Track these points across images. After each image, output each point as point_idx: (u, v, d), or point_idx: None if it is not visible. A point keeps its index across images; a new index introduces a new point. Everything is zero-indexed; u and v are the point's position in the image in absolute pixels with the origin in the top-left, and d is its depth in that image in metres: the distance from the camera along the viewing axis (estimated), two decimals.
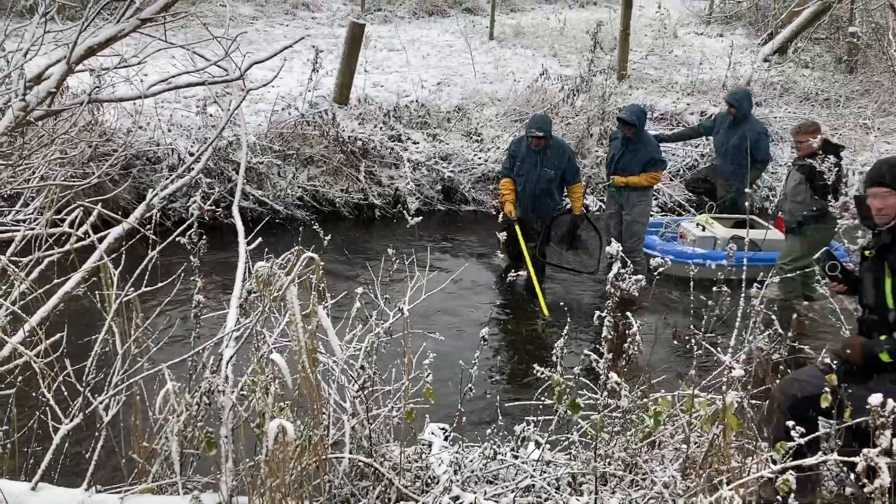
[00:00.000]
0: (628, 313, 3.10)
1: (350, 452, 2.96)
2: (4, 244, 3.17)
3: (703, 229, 7.80)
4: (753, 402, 3.00)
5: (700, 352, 2.89)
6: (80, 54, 3.03)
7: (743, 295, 2.95)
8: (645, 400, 3.07)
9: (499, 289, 7.37)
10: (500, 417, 3.58)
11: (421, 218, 4.46)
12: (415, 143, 9.82)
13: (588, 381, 3.52)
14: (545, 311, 6.68)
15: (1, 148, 4.11)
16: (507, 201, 7.26)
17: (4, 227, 3.52)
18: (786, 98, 12.39)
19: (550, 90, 11.01)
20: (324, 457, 2.74)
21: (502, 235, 6.38)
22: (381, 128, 9.72)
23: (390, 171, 9.41)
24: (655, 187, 8.29)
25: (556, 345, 3.14)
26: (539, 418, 3.46)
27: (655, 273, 2.89)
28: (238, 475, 2.75)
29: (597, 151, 10.23)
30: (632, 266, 4.27)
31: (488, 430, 3.45)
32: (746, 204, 6.58)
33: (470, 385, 3.47)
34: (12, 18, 12.16)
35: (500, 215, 7.33)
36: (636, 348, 2.90)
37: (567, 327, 3.27)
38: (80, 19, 3.16)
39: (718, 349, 3.14)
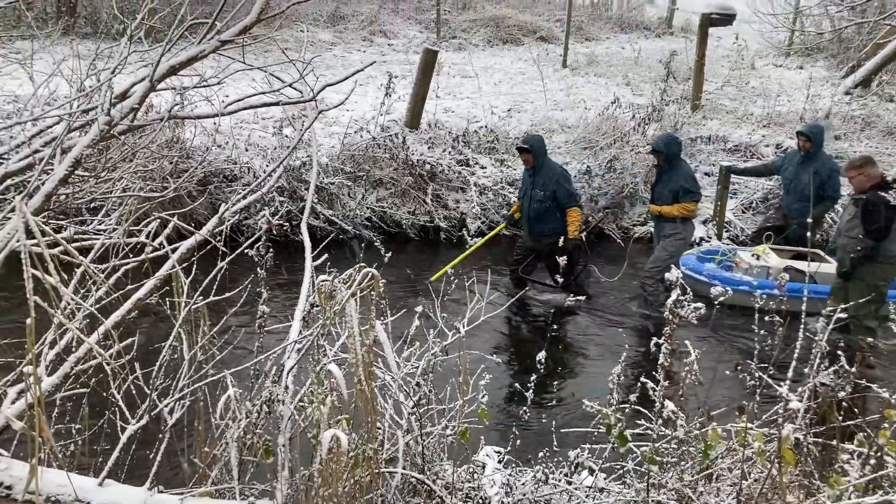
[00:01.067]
0: (687, 341, 3.06)
1: (403, 468, 2.98)
2: (85, 251, 3.33)
3: (758, 258, 7.64)
4: (815, 439, 2.91)
5: (757, 384, 2.82)
6: (163, 73, 3.18)
7: (802, 327, 2.88)
8: (702, 430, 3.02)
9: (558, 313, 7.33)
10: (555, 442, 3.56)
11: (481, 240, 4.49)
12: (482, 167, 9.89)
13: (643, 410, 3.48)
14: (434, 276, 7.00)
15: (86, 161, 4.33)
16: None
17: (86, 236, 3.70)
18: (867, 132, 12.01)
19: (622, 118, 10.95)
20: (377, 471, 2.77)
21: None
22: (449, 152, 9.83)
23: (457, 194, 9.49)
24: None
25: (612, 371, 3.11)
26: (594, 446, 3.43)
27: (716, 302, 2.84)
28: (293, 484, 2.81)
29: None
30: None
31: (541, 454, 3.43)
32: (809, 235, 6.43)
33: (525, 408, 3.47)
34: (104, 40, 12.79)
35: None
36: (694, 377, 2.85)
37: (624, 354, 3.24)
38: (164, 41, 3.33)
39: (782, 384, 3.07)
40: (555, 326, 6.53)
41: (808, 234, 3.58)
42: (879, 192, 6.21)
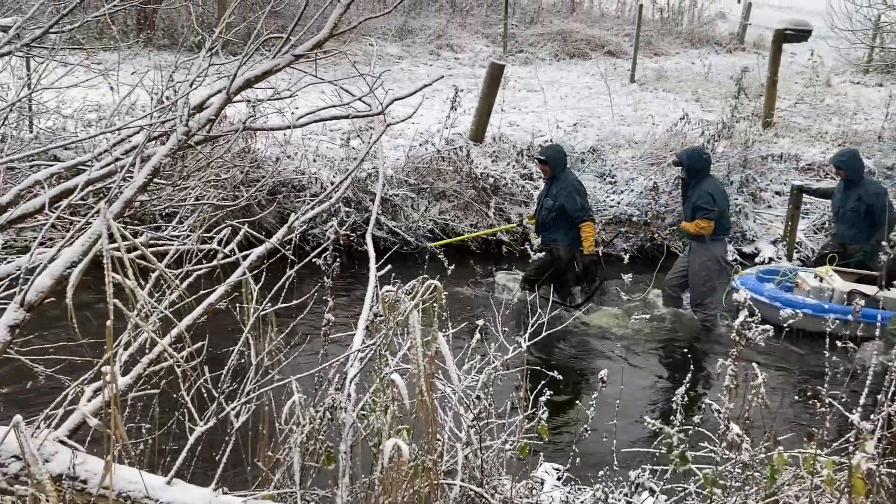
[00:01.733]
0: (755, 364, 2.99)
1: (462, 481, 2.99)
2: (160, 256, 3.45)
3: (821, 280, 7.40)
4: (888, 469, 2.81)
5: (826, 409, 2.75)
6: (239, 85, 3.28)
7: (875, 353, 2.79)
8: (768, 455, 2.94)
9: (621, 330, 7.24)
10: (615, 461, 3.51)
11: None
12: None
13: (707, 432, 3.42)
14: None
15: (164, 169, 4.49)
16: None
17: (161, 242, 3.83)
18: None
19: (690, 135, 10.79)
20: (436, 482, 2.79)
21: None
22: (513, 166, 9.83)
23: (520, 208, 9.48)
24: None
25: (677, 392, 3.07)
26: (656, 467, 3.38)
27: (786, 325, 2.78)
28: (353, 492, 2.85)
29: (736, 199, 9.90)
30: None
31: (601, 473, 3.40)
32: (885, 257, 6.23)
33: (586, 426, 3.44)
34: (180, 51, 13.22)
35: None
36: (761, 401, 2.79)
37: (690, 374, 3.19)
38: (239, 54, 3.44)
39: (854, 411, 2.97)
40: (619, 345, 6.46)
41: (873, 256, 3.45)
42: None
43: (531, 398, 3.29)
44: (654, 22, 21.51)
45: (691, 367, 3.36)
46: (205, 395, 2.94)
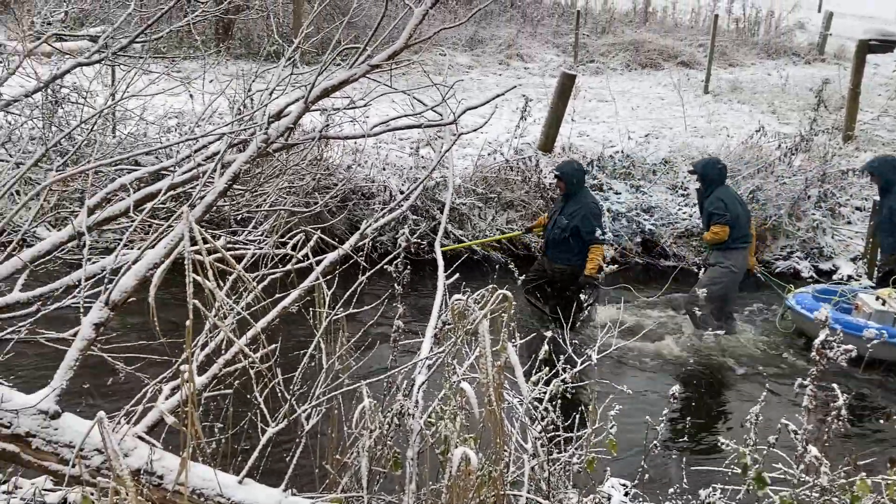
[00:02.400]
0: (835, 385, 2.89)
1: (528, 492, 2.97)
2: (237, 259, 3.54)
3: (883, 303, 7.05)
4: None
5: None
6: (317, 95, 3.35)
7: None
8: (848, 480, 2.84)
9: (693, 345, 7.09)
10: (685, 480, 3.44)
11: (617, 267, 4.43)
12: (616, 193, 9.75)
13: (782, 454, 3.31)
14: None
15: (242, 176, 4.61)
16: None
17: (237, 245, 3.93)
18: None
19: (766, 147, 10.52)
20: (502, 492, 2.78)
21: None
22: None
23: None
24: None
25: (751, 411, 2.99)
26: (727, 486, 3.30)
27: (869, 347, 2.68)
28: (420, 498, 2.86)
29: (813, 214, 9.62)
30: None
31: (671, 490, 3.33)
32: None
33: (655, 442, 3.38)
34: (256, 60, 13.56)
35: None
36: (841, 423, 2.70)
37: (765, 393, 3.11)
38: (315, 64, 3.51)
39: None
40: (690, 360, 6.32)
41: None
42: None
43: (599, 411, 3.25)
44: (728, 32, 21.09)
45: (766, 386, 3.27)
46: (278, 396, 2.99)
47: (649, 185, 9.91)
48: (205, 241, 2.37)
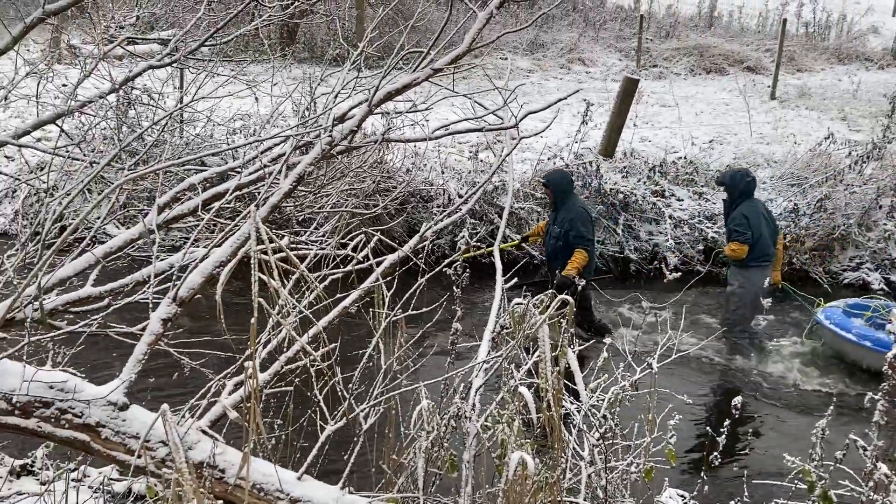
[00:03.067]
0: None
1: (584, 499, 2.95)
2: (299, 259, 3.59)
3: None
4: None
5: None
6: (380, 98, 3.38)
7: None
8: None
9: (757, 355, 6.93)
10: (746, 493, 3.36)
11: (679, 275, 4.37)
12: (679, 199, 9.59)
13: (850, 471, 3.21)
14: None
15: (307, 177, 4.69)
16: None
17: (300, 246, 4.00)
18: None
19: (835, 155, 10.22)
20: (559, 499, 2.76)
21: None
22: (644, 182, 9.62)
23: (650, 226, 9.26)
24: None
25: (817, 425, 2.91)
26: (789, 502, 3.21)
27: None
28: (475, 501, 2.86)
29: (885, 224, 9.30)
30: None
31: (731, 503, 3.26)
32: None
33: (716, 454, 3.31)
34: (319, 64, 13.76)
35: None
36: None
37: (831, 408, 3.02)
38: (377, 68, 3.55)
39: None
40: (754, 371, 6.17)
41: None
42: None
43: (658, 421, 3.20)
44: (797, 37, 20.56)
45: (834, 400, 3.17)
46: (337, 394, 3.03)
47: (713, 192, 9.71)
48: (270, 241, 2.42)
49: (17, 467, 4.00)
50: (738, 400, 3.10)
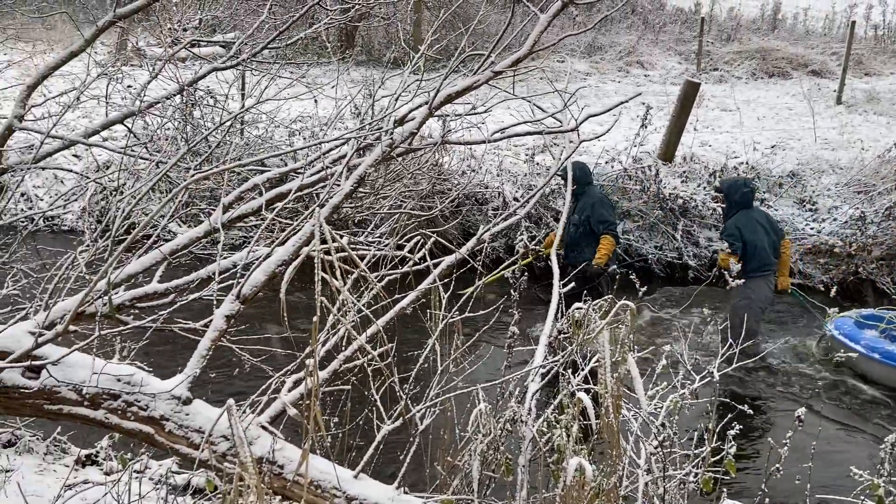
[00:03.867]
0: None
1: None
2: (359, 259, 3.63)
3: None
4: None
5: None
6: (440, 101, 3.40)
7: None
8: None
9: (821, 365, 6.74)
10: None
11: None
12: None
13: None
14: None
15: (367, 179, 4.74)
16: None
17: (359, 246, 4.03)
18: None
19: None
20: None
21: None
22: (704, 187, 9.47)
23: (709, 232, 9.10)
24: None
25: (887, 439, 2.82)
26: None
27: None
28: None
29: None
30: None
31: None
32: None
33: (777, 465, 3.23)
34: (376, 67, 13.89)
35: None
36: None
37: None
38: (435, 70, 3.57)
39: None
40: (819, 383, 6.01)
41: None
42: None
43: (718, 430, 3.14)
44: (866, 39, 19.97)
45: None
46: (394, 394, 3.05)
47: (775, 198, 9.50)
48: (333, 241, 2.45)
49: (83, 457, 4.13)
50: (801, 411, 3.02)
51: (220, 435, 2.78)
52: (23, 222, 8.09)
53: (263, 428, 2.84)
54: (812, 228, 9.14)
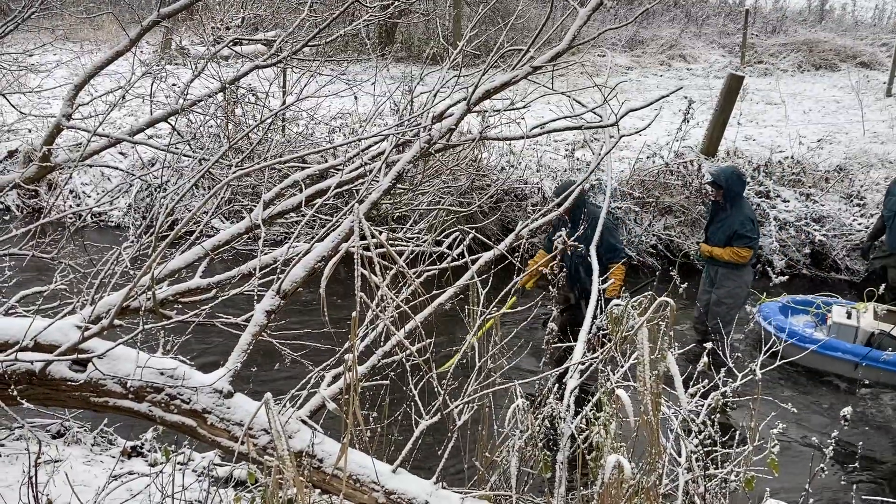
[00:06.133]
0: None
1: None
2: (398, 255, 3.65)
3: (849, 316, 6.38)
4: None
5: None
6: (479, 96, 3.39)
7: None
8: None
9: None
10: None
11: (786, 278, 4.20)
12: (784, 201, 9.22)
13: None
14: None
15: (405, 175, 4.76)
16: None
17: (398, 242, 4.05)
18: None
19: None
20: None
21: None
22: (748, 183, 9.29)
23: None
24: None
25: None
26: None
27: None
28: (568, 503, 2.84)
29: None
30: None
31: None
32: None
33: (822, 465, 3.17)
34: (416, 63, 13.91)
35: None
36: None
37: None
38: (473, 67, 3.56)
39: None
40: (865, 381, 5.86)
41: None
42: None
43: (761, 429, 3.09)
44: None
45: None
46: (432, 390, 3.06)
47: (821, 193, 9.29)
48: (372, 237, 2.46)
49: (129, 448, 4.22)
50: (847, 410, 2.96)
51: (261, 428, 2.82)
52: (70, 218, 8.28)
53: (303, 422, 2.87)
54: (859, 224, 8.92)
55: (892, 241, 7.13)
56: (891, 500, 3.10)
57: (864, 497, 3.34)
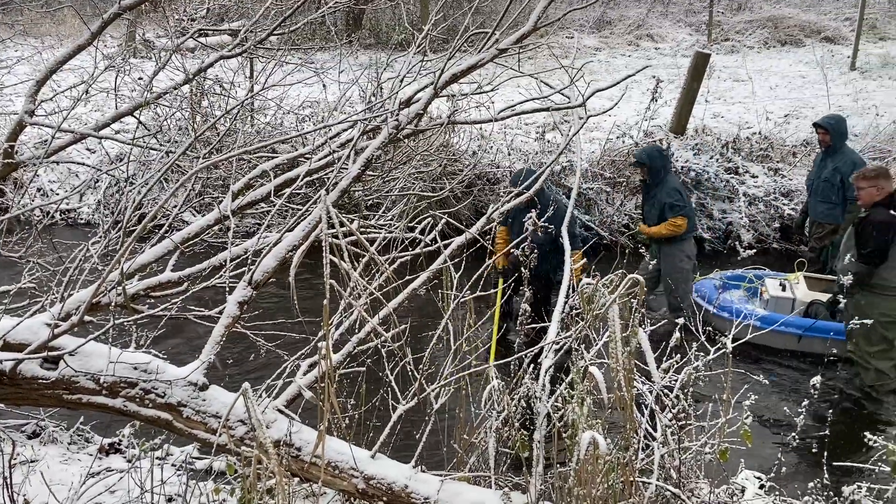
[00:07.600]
0: None
1: (658, 480, 2.92)
2: (369, 243, 3.64)
3: (784, 288, 6.54)
4: None
5: None
6: (445, 80, 3.39)
7: None
8: None
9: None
10: (826, 475, 3.28)
11: (754, 252, 4.25)
12: (753, 176, 9.32)
13: None
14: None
15: (374, 161, 4.74)
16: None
17: (370, 229, 4.05)
18: None
19: None
20: (631, 479, 2.74)
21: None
22: (717, 159, 9.39)
23: (723, 204, 9.04)
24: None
25: None
26: (874, 485, 3.11)
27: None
28: (546, 481, 2.87)
29: None
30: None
31: (810, 485, 3.18)
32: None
33: (794, 434, 3.24)
34: (384, 50, 13.84)
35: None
36: None
37: None
38: (442, 51, 3.55)
39: None
40: (834, 351, 5.97)
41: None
42: (883, 209, 5.36)
43: (734, 401, 3.14)
44: (880, 4, 19.65)
45: None
46: (409, 375, 3.07)
47: (789, 168, 9.41)
48: (341, 225, 2.46)
49: (107, 445, 4.19)
50: (816, 380, 3.02)
51: (238, 419, 2.82)
52: (37, 216, 8.16)
53: (280, 411, 2.87)
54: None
55: (816, 206, 7.12)
56: (859, 465, 3.17)
57: (834, 463, 3.40)
